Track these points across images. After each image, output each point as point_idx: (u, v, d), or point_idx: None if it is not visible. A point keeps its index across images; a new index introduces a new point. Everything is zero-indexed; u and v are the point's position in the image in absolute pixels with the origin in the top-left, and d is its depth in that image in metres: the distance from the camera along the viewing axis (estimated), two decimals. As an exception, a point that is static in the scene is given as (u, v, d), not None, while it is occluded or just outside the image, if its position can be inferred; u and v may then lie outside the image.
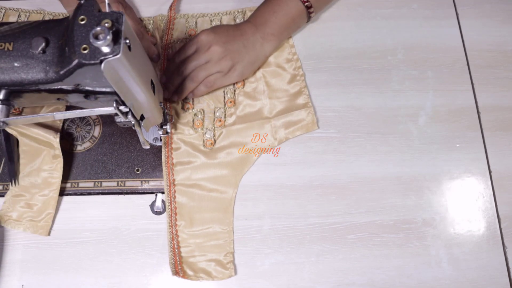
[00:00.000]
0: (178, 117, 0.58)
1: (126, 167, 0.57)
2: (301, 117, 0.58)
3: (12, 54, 0.38)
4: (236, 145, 0.57)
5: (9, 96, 0.41)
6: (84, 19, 0.35)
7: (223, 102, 0.59)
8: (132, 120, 0.45)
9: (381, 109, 0.60)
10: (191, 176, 0.56)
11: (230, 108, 0.58)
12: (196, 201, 0.55)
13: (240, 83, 0.59)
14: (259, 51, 0.58)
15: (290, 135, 0.58)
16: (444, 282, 0.53)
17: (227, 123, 0.58)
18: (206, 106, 0.59)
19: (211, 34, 0.56)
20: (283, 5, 0.58)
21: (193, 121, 0.58)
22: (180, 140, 0.57)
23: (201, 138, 0.57)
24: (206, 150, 0.57)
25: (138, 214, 0.55)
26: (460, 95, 0.61)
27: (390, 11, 0.66)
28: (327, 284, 0.52)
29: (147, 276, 0.52)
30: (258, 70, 0.60)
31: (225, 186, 0.55)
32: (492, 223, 0.56)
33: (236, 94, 0.59)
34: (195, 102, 0.59)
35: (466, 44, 0.64)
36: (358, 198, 0.56)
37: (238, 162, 0.56)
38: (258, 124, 0.58)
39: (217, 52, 0.55)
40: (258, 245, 0.54)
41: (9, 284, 0.52)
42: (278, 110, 0.58)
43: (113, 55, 0.34)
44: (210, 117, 0.58)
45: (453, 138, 0.59)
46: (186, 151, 0.57)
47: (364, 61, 0.63)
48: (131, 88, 0.40)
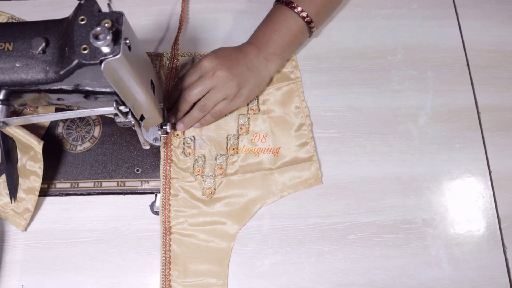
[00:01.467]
0: (178, 162, 0.56)
1: (126, 167, 0.57)
2: (305, 172, 0.56)
3: (12, 54, 0.38)
4: (236, 196, 0.55)
5: (9, 96, 0.41)
6: (84, 19, 0.35)
7: (225, 149, 0.57)
8: (132, 120, 0.45)
9: (381, 109, 0.60)
10: (187, 225, 0.54)
11: (233, 156, 0.57)
12: (191, 251, 0.53)
13: (244, 129, 0.58)
14: (263, 72, 0.57)
15: (292, 190, 0.55)
16: (444, 282, 0.53)
17: (228, 172, 0.56)
18: (208, 152, 0.57)
19: (214, 59, 0.54)
20: (284, 23, 0.56)
21: (193, 167, 0.56)
22: (180, 187, 0.55)
23: (200, 186, 0.55)
24: (205, 199, 0.55)
25: (138, 214, 0.55)
26: (460, 95, 0.61)
27: (390, 11, 0.66)
28: (327, 284, 0.52)
29: (147, 276, 0.52)
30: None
31: (223, 238, 0.54)
32: (492, 223, 0.56)
33: (239, 141, 0.57)
34: (197, 147, 0.57)
35: (466, 44, 0.64)
36: (358, 198, 0.56)
37: (237, 214, 0.54)
38: (260, 175, 0.56)
39: (222, 78, 0.53)
40: (258, 245, 0.54)
41: (9, 284, 0.52)
42: (282, 162, 0.57)
43: (113, 55, 0.34)
44: (211, 164, 0.56)
45: (453, 138, 0.59)
46: (184, 199, 0.55)
47: (364, 61, 0.63)
48: (131, 88, 0.40)
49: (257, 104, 0.59)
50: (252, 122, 0.58)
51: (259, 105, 0.59)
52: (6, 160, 0.54)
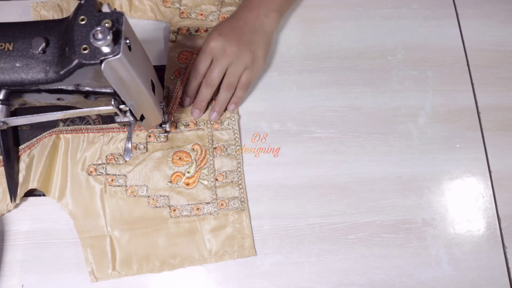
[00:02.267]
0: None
1: (126, 167, 0.57)
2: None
3: (12, 54, 0.38)
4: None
5: (9, 96, 0.41)
6: (84, 19, 0.35)
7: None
8: (131, 119, 0.45)
9: (381, 109, 0.60)
10: None
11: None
12: None
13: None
14: (268, 29, 0.58)
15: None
16: (444, 282, 0.53)
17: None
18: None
19: (219, 37, 0.54)
20: None
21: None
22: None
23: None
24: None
25: (138, 214, 0.55)
26: (460, 95, 0.61)
27: (390, 11, 0.66)
28: (327, 284, 0.52)
29: (147, 276, 0.52)
30: None
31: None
32: (492, 223, 0.56)
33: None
34: None
35: (466, 44, 0.64)
36: (358, 198, 0.56)
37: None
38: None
39: (234, 52, 0.54)
40: (258, 245, 0.54)
41: (9, 284, 0.52)
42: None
43: (113, 55, 0.34)
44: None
45: (453, 138, 0.59)
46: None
47: (364, 61, 0.63)
48: (131, 88, 0.40)
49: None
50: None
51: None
52: (6, 160, 0.54)
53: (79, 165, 0.55)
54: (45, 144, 0.55)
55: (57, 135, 0.55)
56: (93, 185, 0.54)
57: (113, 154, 0.55)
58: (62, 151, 0.55)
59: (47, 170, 0.54)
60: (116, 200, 0.54)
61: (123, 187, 0.54)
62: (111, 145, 0.55)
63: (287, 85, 0.61)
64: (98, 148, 0.55)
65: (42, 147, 0.55)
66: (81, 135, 0.55)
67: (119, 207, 0.54)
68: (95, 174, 0.55)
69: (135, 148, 0.55)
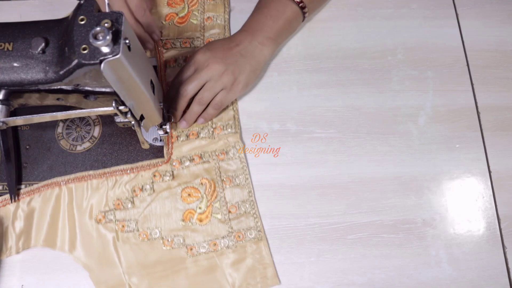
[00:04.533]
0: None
1: (126, 167, 0.57)
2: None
3: (12, 54, 0.38)
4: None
5: (9, 96, 0.41)
6: (84, 19, 0.35)
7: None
8: (132, 120, 0.45)
9: (381, 109, 0.60)
10: None
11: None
12: None
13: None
14: (258, 57, 0.57)
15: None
16: (444, 282, 0.53)
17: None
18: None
19: (207, 52, 0.54)
20: (278, 8, 0.57)
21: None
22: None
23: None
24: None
25: (138, 214, 0.55)
26: (460, 95, 0.61)
27: (390, 11, 0.66)
28: (327, 284, 0.52)
29: (147, 276, 0.52)
30: None
31: None
32: (492, 223, 0.56)
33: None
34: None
35: (466, 44, 0.64)
36: (358, 198, 0.56)
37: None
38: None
39: (216, 69, 0.53)
40: (258, 245, 0.54)
41: (9, 284, 0.52)
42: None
43: (113, 55, 0.34)
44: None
45: (453, 138, 0.59)
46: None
47: (364, 61, 0.63)
48: (131, 88, 0.40)
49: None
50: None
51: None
52: (6, 160, 0.54)
53: (87, 214, 0.53)
54: (47, 197, 0.54)
55: (59, 186, 0.54)
56: (104, 234, 0.53)
57: (120, 199, 0.54)
58: (66, 202, 0.54)
59: (52, 227, 0.53)
60: (130, 246, 0.52)
61: (136, 232, 0.53)
62: (116, 189, 0.54)
63: (287, 85, 0.61)
64: (103, 194, 0.54)
65: (44, 201, 0.54)
66: (84, 183, 0.54)
67: (134, 253, 0.52)
68: (104, 221, 0.53)
69: (141, 190, 0.54)
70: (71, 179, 0.54)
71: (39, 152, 0.57)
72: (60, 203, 0.54)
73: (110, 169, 0.55)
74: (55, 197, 0.54)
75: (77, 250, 0.52)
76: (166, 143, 0.56)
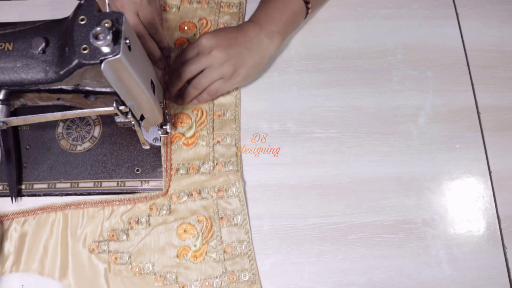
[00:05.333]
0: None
1: (126, 167, 0.57)
2: None
3: (12, 54, 0.38)
4: None
5: (9, 96, 0.41)
6: (84, 19, 0.35)
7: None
8: (132, 120, 0.45)
9: (381, 109, 0.60)
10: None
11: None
12: None
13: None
14: (263, 51, 0.56)
15: None
16: (444, 282, 0.53)
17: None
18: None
19: (212, 38, 0.54)
20: (286, 1, 0.57)
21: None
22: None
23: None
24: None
25: (138, 214, 0.55)
26: (460, 95, 0.61)
27: (390, 11, 0.66)
28: (327, 284, 0.52)
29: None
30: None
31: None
32: (492, 224, 0.56)
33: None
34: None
35: (466, 44, 0.64)
36: (358, 198, 0.56)
37: None
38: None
39: (218, 57, 0.53)
40: (258, 245, 0.54)
41: (9, 284, 0.52)
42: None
43: (113, 55, 0.34)
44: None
45: (453, 138, 0.59)
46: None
47: (364, 61, 0.63)
48: (131, 88, 0.40)
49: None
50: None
51: None
52: (7, 160, 0.54)
53: (80, 242, 0.52)
54: (41, 222, 0.53)
55: (55, 212, 0.53)
56: (96, 264, 0.52)
57: (115, 230, 0.53)
58: (60, 228, 0.53)
59: (44, 252, 0.52)
60: (121, 279, 0.51)
61: (128, 265, 0.52)
62: (112, 219, 0.53)
63: (287, 85, 0.61)
64: (98, 223, 0.53)
65: (37, 226, 0.53)
66: (80, 210, 0.53)
67: (125, 286, 0.51)
68: (97, 251, 0.52)
69: (136, 223, 0.53)
70: (68, 204, 0.53)
71: (39, 152, 0.57)
72: (54, 229, 0.53)
73: (107, 198, 0.54)
74: (50, 223, 0.53)
75: (67, 278, 0.51)
76: (164, 174, 0.55)
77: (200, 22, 0.62)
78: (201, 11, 0.63)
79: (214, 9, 0.63)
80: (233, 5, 0.64)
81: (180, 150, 0.56)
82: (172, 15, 0.62)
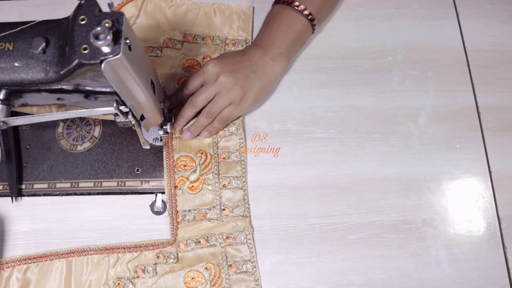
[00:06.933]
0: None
1: (126, 167, 0.57)
2: None
3: (12, 54, 0.38)
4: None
5: (9, 96, 0.41)
6: (84, 19, 0.35)
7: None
8: (132, 120, 0.45)
9: (381, 109, 0.60)
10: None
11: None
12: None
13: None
14: (270, 74, 0.56)
15: None
16: (444, 282, 0.53)
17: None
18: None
19: (217, 64, 0.53)
20: (288, 22, 0.56)
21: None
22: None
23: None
24: None
25: (138, 214, 0.55)
26: (460, 95, 0.61)
27: (390, 11, 0.66)
28: (327, 284, 0.52)
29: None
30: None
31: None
32: (492, 224, 0.56)
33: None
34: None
35: (466, 44, 0.64)
36: (358, 198, 0.56)
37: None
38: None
39: (226, 83, 0.53)
40: (258, 245, 0.54)
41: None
42: None
43: (113, 55, 0.34)
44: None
45: (453, 138, 0.59)
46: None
47: (364, 61, 0.63)
48: (131, 88, 0.40)
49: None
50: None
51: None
52: (7, 160, 0.54)
53: None
54: (45, 270, 0.52)
55: (59, 259, 0.52)
56: None
57: (120, 278, 0.51)
58: (64, 275, 0.51)
59: None
60: None
61: None
62: (118, 267, 0.52)
63: (287, 85, 0.61)
64: (103, 270, 0.51)
65: (40, 274, 0.52)
66: (84, 258, 0.52)
67: None
68: None
69: (143, 271, 0.51)
70: (72, 251, 0.52)
71: (39, 152, 0.57)
72: (58, 276, 0.51)
73: (113, 245, 0.53)
74: (54, 271, 0.52)
75: None
76: (170, 222, 0.54)
77: (204, 60, 0.61)
78: (205, 48, 0.61)
79: (219, 46, 0.61)
80: (239, 43, 0.62)
81: (185, 195, 0.55)
82: (175, 52, 0.61)
